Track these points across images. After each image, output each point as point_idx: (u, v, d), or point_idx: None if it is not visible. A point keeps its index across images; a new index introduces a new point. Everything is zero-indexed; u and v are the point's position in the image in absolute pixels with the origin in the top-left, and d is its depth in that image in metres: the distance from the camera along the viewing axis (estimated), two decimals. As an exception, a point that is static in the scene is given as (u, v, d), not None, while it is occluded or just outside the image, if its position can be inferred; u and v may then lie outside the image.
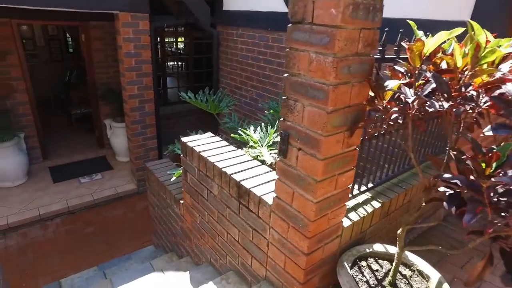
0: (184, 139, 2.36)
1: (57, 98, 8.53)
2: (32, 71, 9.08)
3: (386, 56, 1.57)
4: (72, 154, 5.98)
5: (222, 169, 1.97)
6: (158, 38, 5.89)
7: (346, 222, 1.73)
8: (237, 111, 4.93)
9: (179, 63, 9.23)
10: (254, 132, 2.82)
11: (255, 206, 1.77)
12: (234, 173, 1.93)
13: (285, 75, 1.36)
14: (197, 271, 2.43)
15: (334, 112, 1.24)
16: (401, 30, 1.54)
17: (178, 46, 9.14)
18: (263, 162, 2.52)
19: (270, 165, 2.41)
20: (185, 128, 7.01)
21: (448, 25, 2.53)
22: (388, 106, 1.28)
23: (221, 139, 2.40)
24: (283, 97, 1.39)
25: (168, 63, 7.10)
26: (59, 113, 8.14)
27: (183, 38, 8.11)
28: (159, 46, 6.01)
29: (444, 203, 1.12)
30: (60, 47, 9.44)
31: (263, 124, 2.85)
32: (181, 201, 2.68)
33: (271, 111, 3.04)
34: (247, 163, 2.07)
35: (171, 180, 2.72)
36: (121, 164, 5.81)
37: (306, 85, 1.27)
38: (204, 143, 2.30)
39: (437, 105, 1.05)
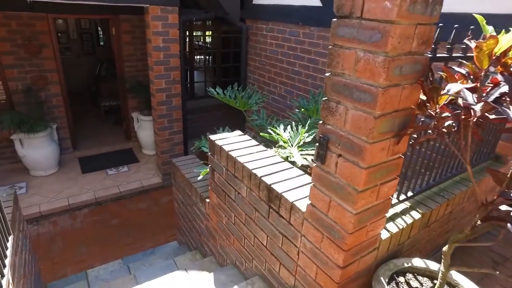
0: (212, 137, 2.29)
1: (88, 90, 8.74)
2: (65, 63, 9.37)
3: (438, 55, 1.42)
4: (100, 145, 6.10)
5: (252, 171, 1.88)
6: (187, 32, 5.86)
7: (384, 234, 1.60)
8: (265, 107, 4.83)
9: (206, 57, 9.23)
10: (284, 131, 2.72)
11: (286, 212, 1.68)
12: (265, 175, 1.84)
13: (327, 74, 1.25)
14: (221, 273, 2.37)
15: (382, 117, 1.12)
16: (471, 26, 1.37)
17: (206, 40, 9.13)
18: (293, 163, 2.42)
19: (302, 167, 2.31)
20: (211, 122, 7.00)
21: (503, 18, 2.31)
22: (440, 111, 1.14)
23: (250, 138, 2.32)
24: (324, 99, 1.28)
25: (196, 57, 7.08)
26: (90, 104, 8.35)
27: (211, 32, 8.09)
28: (187, 40, 5.99)
29: (509, 225, 0.99)
30: (92, 40, 9.65)
31: (293, 123, 2.74)
32: (207, 200, 2.63)
33: (302, 109, 2.92)
34: (278, 165, 1.97)
35: (198, 178, 2.66)
36: (147, 157, 5.87)
37: (351, 86, 1.16)
38: (232, 142, 2.22)
39: (510, 113, 0.91)
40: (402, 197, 1.80)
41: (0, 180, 4.98)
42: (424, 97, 1.20)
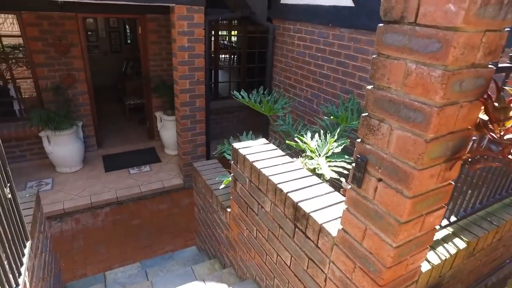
0: (235, 145, 2.17)
1: (114, 88, 8.87)
2: (93, 61, 9.55)
3: (500, 65, 1.23)
4: (123, 144, 6.14)
5: (278, 185, 1.74)
6: (212, 31, 5.79)
7: (424, 266, 1.42)
8: (290, 111, 4.68)
9: (231, 56, 9.15)
10: (311, 140, 2.56)
11: (314, 234, 1.53)
12: (291, 191, 1.70)
13: (369, 87, 1.09)
14: (240, 288, 2.25)
15: (434, 141, 0.96)
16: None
17: (231, 39, 9.05)
18: (320, 175, 2.27)
19: (331, 180, 2.15)
20: (234, 123, 6.92)
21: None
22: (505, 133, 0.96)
23: (276, 148, 2.18)
24: (364, 114, 1.13)
25: (220, 56, 7.01)
26: (115, 102, 8.47)
27: (236, 31, 8.00)
28: (212, 39, 5.92)
29: None
30: (120, 38, 9.80)
31: (321, 131, 2.58)
32: (228, 210, 2.51)
33: (331, 117, 2.75)
34: (305, 179, 1.82)
35: (220, 187, 2.55)
36: (169, 157, 5.85)
37: (398, 103, 0.99)
38: (257, 151, 2.09)
39: None
40: (445, 222, 1.61)
41: (29, 176, 5.10)
42: (484, 117, 1.02)
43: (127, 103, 7.27)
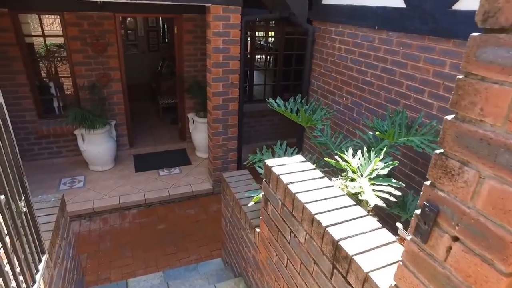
0: (268, 162, 1.95)
1: (149, 87, 8.95)
2: (131, 59, 9.74)
3: None
4: (155, 144, 6.12)
5: (315, 216, 1.50)
6: (248, 32, 5.61)
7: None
8: (327, 118, 4.39)
9: (267, 57, 8.94)
10: (353, 157, 2.29)
11: (357, 282, 1.27)
12: (331, 225, 1.45)
13: (449, 117, 0.83)
14: (266, 320, 2.03)
15: (550, 200, 0.68)
16: None
17: (268, 40, 8.84)
18: (360, 200, 2.00)
19: (376, 208, 1.87)
20: (267, 127, 6.71)
21: None
22: None
23: (313, 167, 1.93)
24: (438, 151, 0.86)
25: (256, 56, 6.81)
26: (149, 101, 8.54)
27: (273, 32, 7.78)
28: (248, 40, 5.74)
29: None
30: (157, 38, 9.91)
31: (365, 148, 2.29)
32: (257, 229, 2.30)
33: (377, 132, 2.45)
34: (347, 210, 1.57)
35: (249, 204, 2.35)
36: (199, 160, 5.74)
37: (496, 144, 0.72)
38: (292, 171, 1.86)
39: None
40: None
41: (63, 172, 5.18)
42: None
43: (161, 103, 7.27)
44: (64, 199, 2.61)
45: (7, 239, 1.37)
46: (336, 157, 2.18)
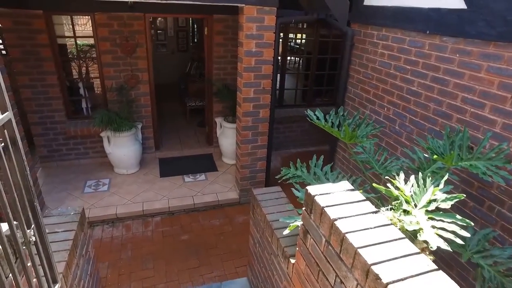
0: (311, 190, 1.67)
1: (178, 87, 8.88)
2: (160, 59, 9.72)
3: None
4: (181, 147, 5.98)
5: (372, 268, 1.21)
6: (281, 34, 5.34)
7: None
8: (374, 135, 4.06)
9: (298, 60, 8.64)
10: (405, 183, 1.97)
11: None
12: (394, 281, 1.16)
13: None
14: None
15: None
16: None
17: (297, 41, 8.55)
18: (414, 236, 1.69)
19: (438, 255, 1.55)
20: (297, 134, 6.41)
21: None
22: None
23: (364, 198, 1.64)
24: None
25: (288, 58, 6.52)
26: (177, 102, 8.45)
27: (303, 35, 7.47)
28: (280, 41, 5.47)
29: None
30: (187, 38, 9.84)
31: (420, 174, 1.97)
32: (292, 260, 2.03)
33: (435, 156, 2.12)
34: (412, 258, 1.27)
35: (284, 233, 2.08)
36: (226, 166, 5.53)
37: None
38: (339, 203, 1.58)
39: None
40: None
41: (89, 174, 5.13)
42: None
43: (188, 105, 7.14)
44: (84, 213, 2.46)
45: (10, 277, 1.18)
46: (389, 185, 1.88)
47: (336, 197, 1.63)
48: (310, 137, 6.44)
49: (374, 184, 1.94)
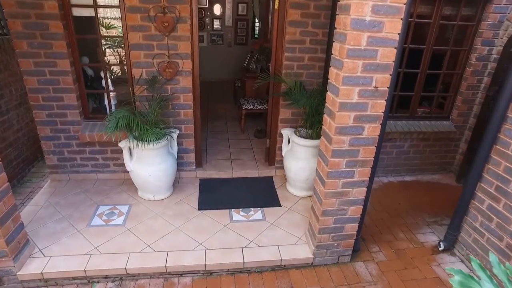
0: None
1: (232, 85, 7.38)
2: (214, 52, 8.34)
3: None
4: (231, 165, 4.40)
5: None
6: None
7: None
8: None
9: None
10: None
11: None
12: None
13: None
14: None
15: None
16: None
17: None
18: None
19: None
20: (390, 157, 4.57)
21: None
22: None
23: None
24: None
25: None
26: (229, 103, 6.94)
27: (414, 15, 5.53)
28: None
29: None
30: (247, 29, 8.37)
31: None
32: None
33: None
34: None
35: None
36: (293, 199, 3.83)
37: None
38: None
39: None
40: None
41: (105, 195, 3.74)
42: None
43: (244, 108, 5.54)
44: None
45: None
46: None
47: None
48: (410, 162, 4.59)
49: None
